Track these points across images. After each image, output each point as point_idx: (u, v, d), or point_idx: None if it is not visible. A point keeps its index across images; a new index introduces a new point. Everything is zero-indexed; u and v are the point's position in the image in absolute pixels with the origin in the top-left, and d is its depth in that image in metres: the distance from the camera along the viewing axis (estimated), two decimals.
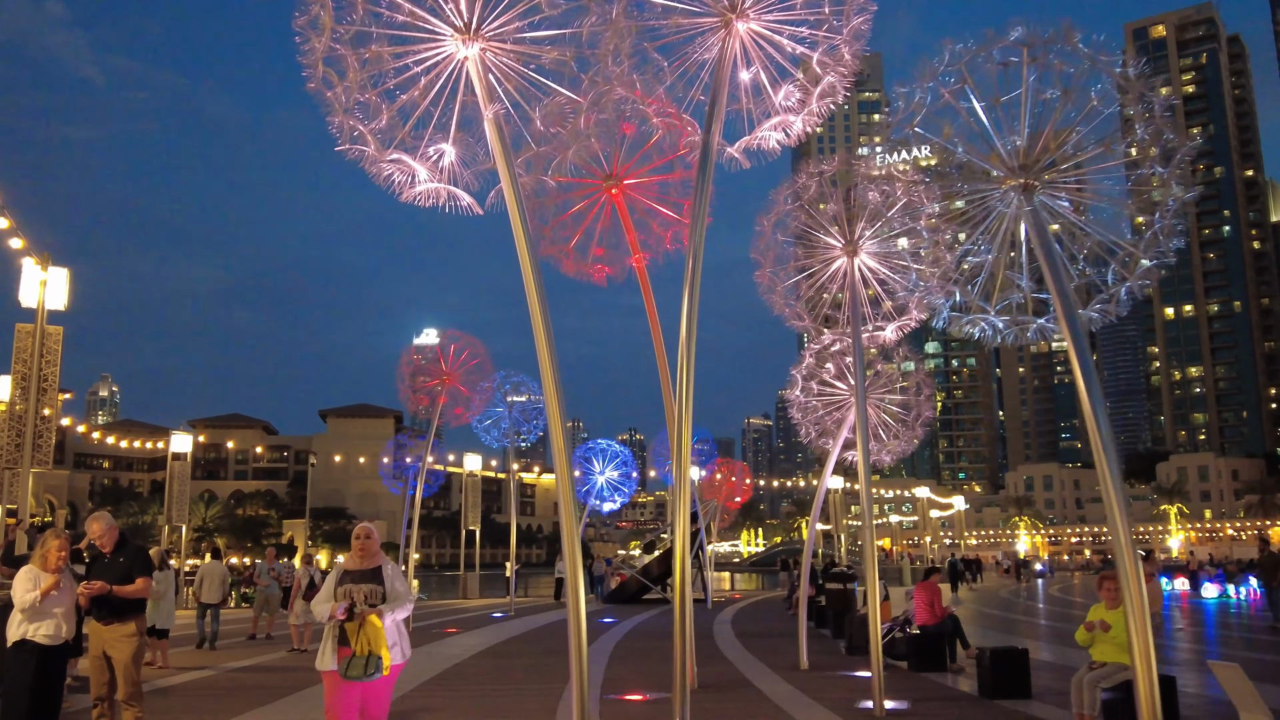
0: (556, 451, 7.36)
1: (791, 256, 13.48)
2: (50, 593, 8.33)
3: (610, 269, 13.38)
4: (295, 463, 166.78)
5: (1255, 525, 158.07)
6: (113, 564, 8.88)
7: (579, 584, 7.05)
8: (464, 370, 27.45)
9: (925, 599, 15.84)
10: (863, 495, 12.05)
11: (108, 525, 9.06)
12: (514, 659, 18.83)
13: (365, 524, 7.85)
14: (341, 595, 7.51)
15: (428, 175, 8.88)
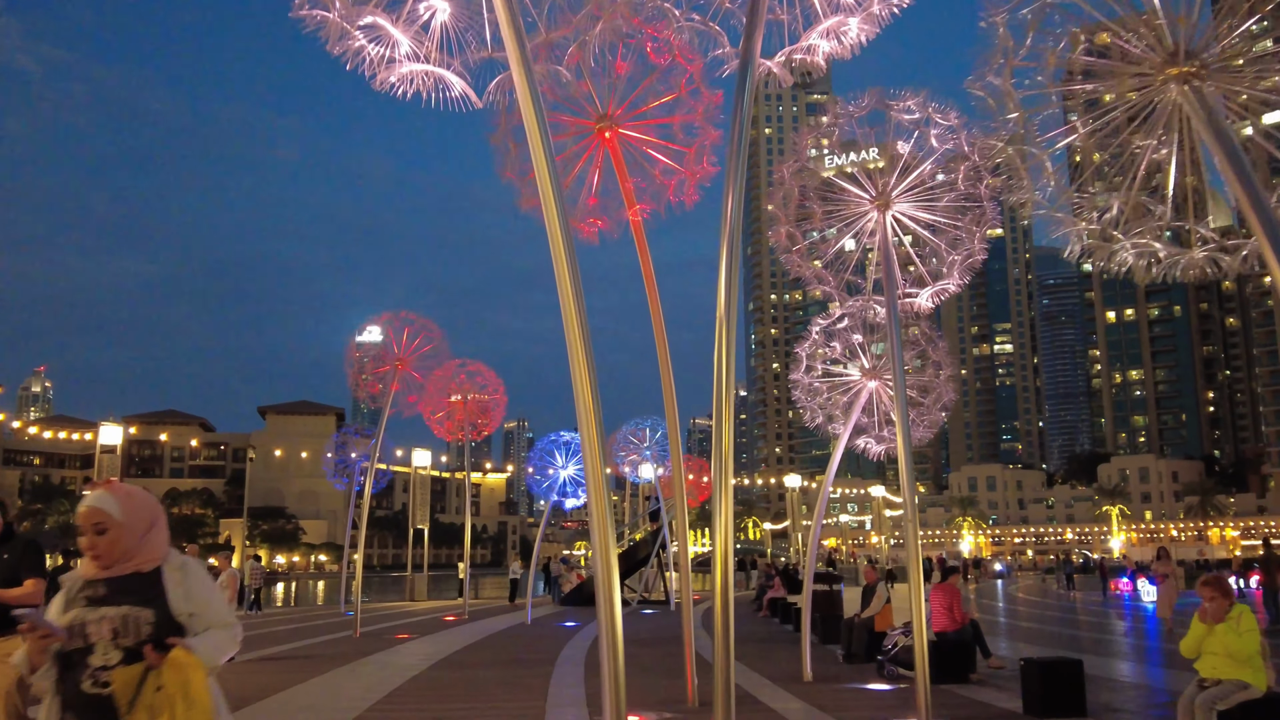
0: (588, 442, 5.59)
1: (814, 210, 11.79)
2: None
3: (604, 223, 11.60)
4: (233, 461, 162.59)
5: (1196, 526, 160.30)
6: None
7: (615, 594, 5.26)
8: (417, 355, 25.51)
9: (944, 602, 14.24)
10: (904, 487, 10.39)
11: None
12: (479, 669, 16.95)
13: (103, 492, 4.00)
14: (71, 627, 3.83)
15: (411, 48, 6.95)
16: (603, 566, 5.33)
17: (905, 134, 11.17)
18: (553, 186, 5.94)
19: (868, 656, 16.55)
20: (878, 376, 14.11)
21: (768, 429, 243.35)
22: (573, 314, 5.74)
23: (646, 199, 11.55)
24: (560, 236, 5.86)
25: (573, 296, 5.78)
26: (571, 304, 5.76)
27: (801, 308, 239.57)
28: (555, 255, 5.84)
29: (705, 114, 11.68)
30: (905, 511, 10.29)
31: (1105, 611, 34.75)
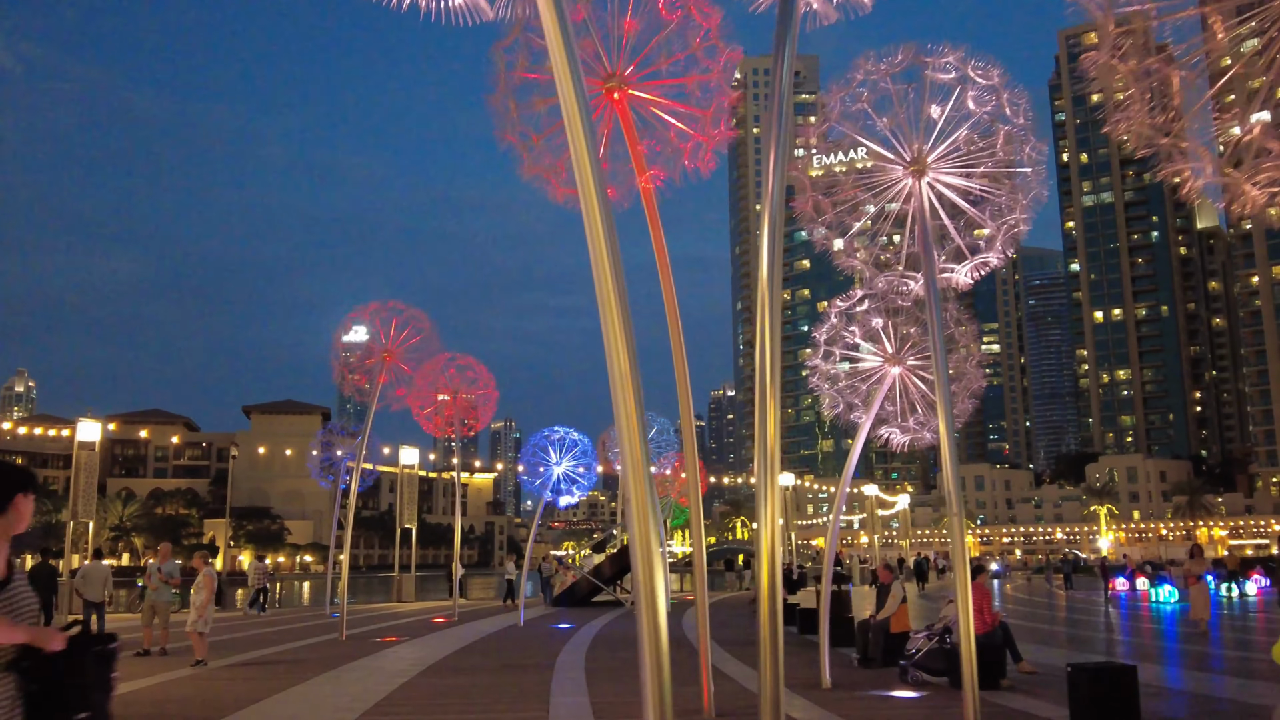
0: (627, 431, 4.64)
1: (842, 178, 10.85)
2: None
3: (613, 191, 10.64)
4: (217, 460, 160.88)
5: (1184, 526, 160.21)
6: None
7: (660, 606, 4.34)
8: (406, 347, 24.51)
9: (974, 603, 13.28)
10: (948, 481, 9.46)
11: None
12: (473, 675, 15.96)
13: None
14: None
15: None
16: (643, 570, 4.39)
17: (942, 93, 10.24)
18: (588, 150, 4.96)
19: (885, 660, 15.65)
20: (902, 362, 13.17)
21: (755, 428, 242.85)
22: (610, 292, 4.77)
23: (659, 165, 10.59)
24: (596, 207, 4.89)
25: (611, 279, 4.80)
26: (610, 284, 4.79)
27: (790, 307, 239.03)
28: (591, 229, 4.87)
29: (723, 73, 10.74)
30: (950, 505, 9.38)
31: (1117, 611, 33.94)
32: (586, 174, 4.86)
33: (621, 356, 4.57)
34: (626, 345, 4.59)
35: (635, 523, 4.43)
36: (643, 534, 4.43)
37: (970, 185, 10.35)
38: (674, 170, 10.54)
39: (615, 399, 4.58)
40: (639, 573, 4.43)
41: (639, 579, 4.43)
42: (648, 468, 4.48)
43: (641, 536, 4.42)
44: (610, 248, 4.66)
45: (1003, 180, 10.27)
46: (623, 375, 4.55)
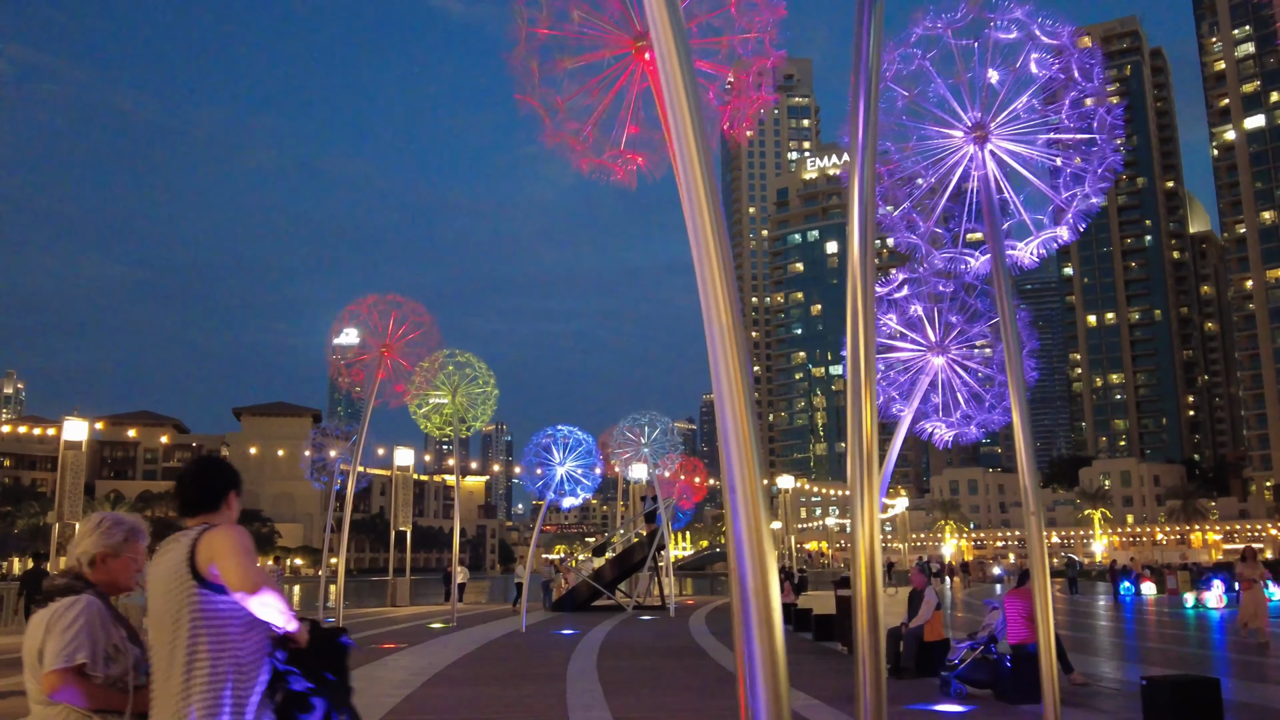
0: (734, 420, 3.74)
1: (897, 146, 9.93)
2: None
3: (642, 158, 9.71)
4: None
5: (1178, 530, 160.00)
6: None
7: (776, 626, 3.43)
8: (405, 342, 23.57)
9: (1023, 610, 12.42)
10: (1024, 473, 8.57)
11: None
12: (482, 687, 14.98)
13: None
14: None
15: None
16: (755, 573, 3.49)
17: (1006, 53, 9.35)
18: (693, 124, 4.05)
19: (919, 670, 14.76)
20: (946, 351, 12.27)
21: None
22: (716, 275, 3.85)
23: None
24: (701, 185, 3.96)
25: (718, 264, 3.88)
26: (717, 270, 3.87)
27: (783, 310, 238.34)
28: (697, 224, 3.95)
29: (763, 32, 9.82)
30: (1027, 505, 8.49)
31: (1142, 616, 33.08)
32: (692, 151, 3.95)
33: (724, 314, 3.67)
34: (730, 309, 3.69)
35: (744, 513, 3.53)
36: (753, 526, 3.52)
37: (1037, 153, 9.45)
38: (710, 135, 9.61)
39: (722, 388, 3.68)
40: (749, 575, 3.52)
41: (749, 582, 3.52)
42: (756, 451, 3.57)
43: (752, 529, 3.51)
44: (714, 222, 3.74)
45: (1072, 148, 9.39)
46: (729, 360, 3.66)
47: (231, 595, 3.55)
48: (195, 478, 3.94)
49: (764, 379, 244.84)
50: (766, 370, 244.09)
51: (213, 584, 3.58)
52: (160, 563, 3.71)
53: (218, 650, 3.55)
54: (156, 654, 3.62)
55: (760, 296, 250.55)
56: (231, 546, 3.61)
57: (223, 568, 3.54)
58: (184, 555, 3.63)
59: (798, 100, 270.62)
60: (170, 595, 3.62)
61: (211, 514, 3.84)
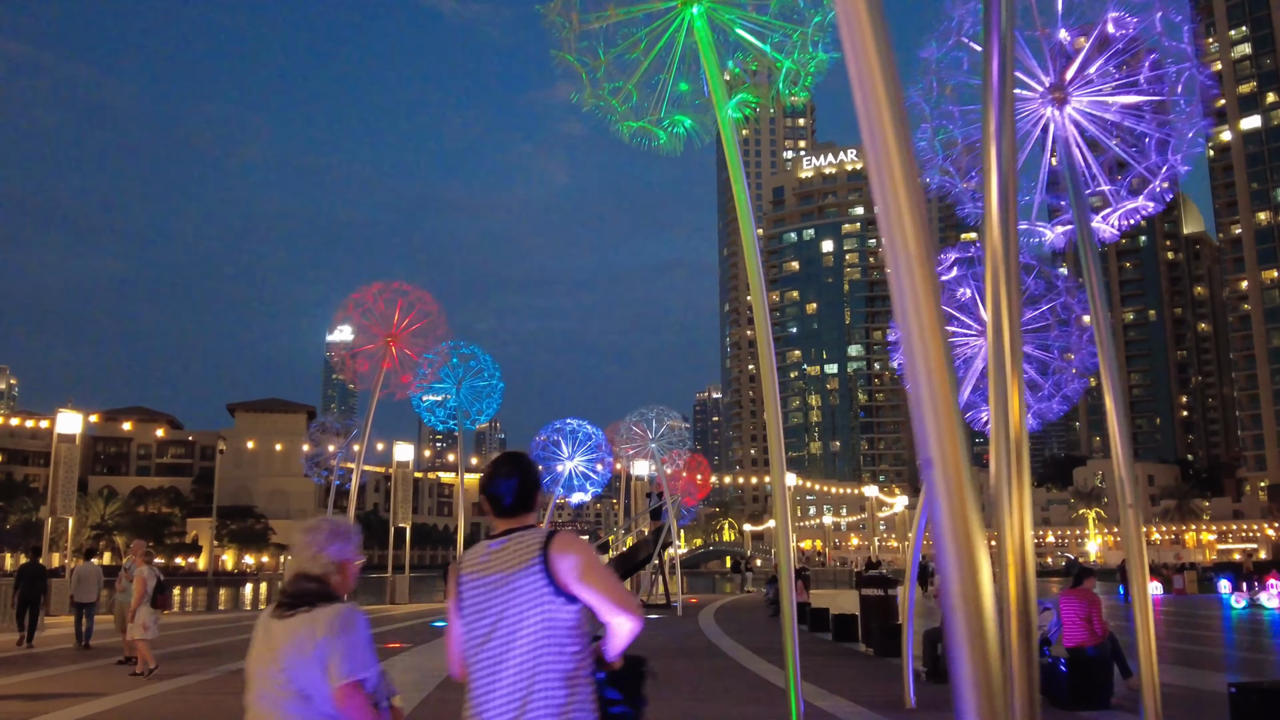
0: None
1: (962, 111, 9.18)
2: None
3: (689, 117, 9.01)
4: (201, 459, 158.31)
5: (1173, 530, 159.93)
6: None
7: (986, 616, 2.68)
8: (412, 331, 22.84)
9: (1081, 611, 11.73)
10: (1120, 465, 7.87)
11: None
12: None
13: None
14: None
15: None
16: (966, 582, 2.77)
17: (1086, 7, 8.63)
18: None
19: None
20: None
21: (743, 430, 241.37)
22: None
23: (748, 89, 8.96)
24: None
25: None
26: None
27: (778, 309, 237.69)
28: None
29: None
30: (1125, 498, 7.79)
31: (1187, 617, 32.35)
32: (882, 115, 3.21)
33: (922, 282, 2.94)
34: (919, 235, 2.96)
35: (946, 494, 2.81)
36: (959, 513, 2.80)
37: (1120, 118, 8.74)
38: (764, 96, 8.90)
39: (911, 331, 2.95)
40: (955, 576, 2.79)
41: (955, 586, 2.80)
42: (958, 416, 2.85)
43: (958, 516, 2.80)
44: (897, 128, 3.00)
45: (1158, 112, 8.68)
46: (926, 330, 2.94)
47: (575, 606, 3.42)
48: (524, 475, 3.69)
49: (758, 377, 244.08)
50: None
51: (565, 593, 3.40)
52: (495, 563, 3.51)
53: (556, 660, 3.36)
54: (478, 654, 3.44)
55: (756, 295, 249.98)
56: (600, 563, 3.53)
57: (599, 585, 3.42)
58: (534, 558, 3.44)
59: (793, 100, 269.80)
60: (509, 596, 3.43)
61: (528, 515, 3.65)
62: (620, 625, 3.44)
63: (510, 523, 3.59)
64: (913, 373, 2.90)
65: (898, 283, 2.93)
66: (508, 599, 3.41)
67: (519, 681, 3.34)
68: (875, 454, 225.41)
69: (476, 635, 3.44)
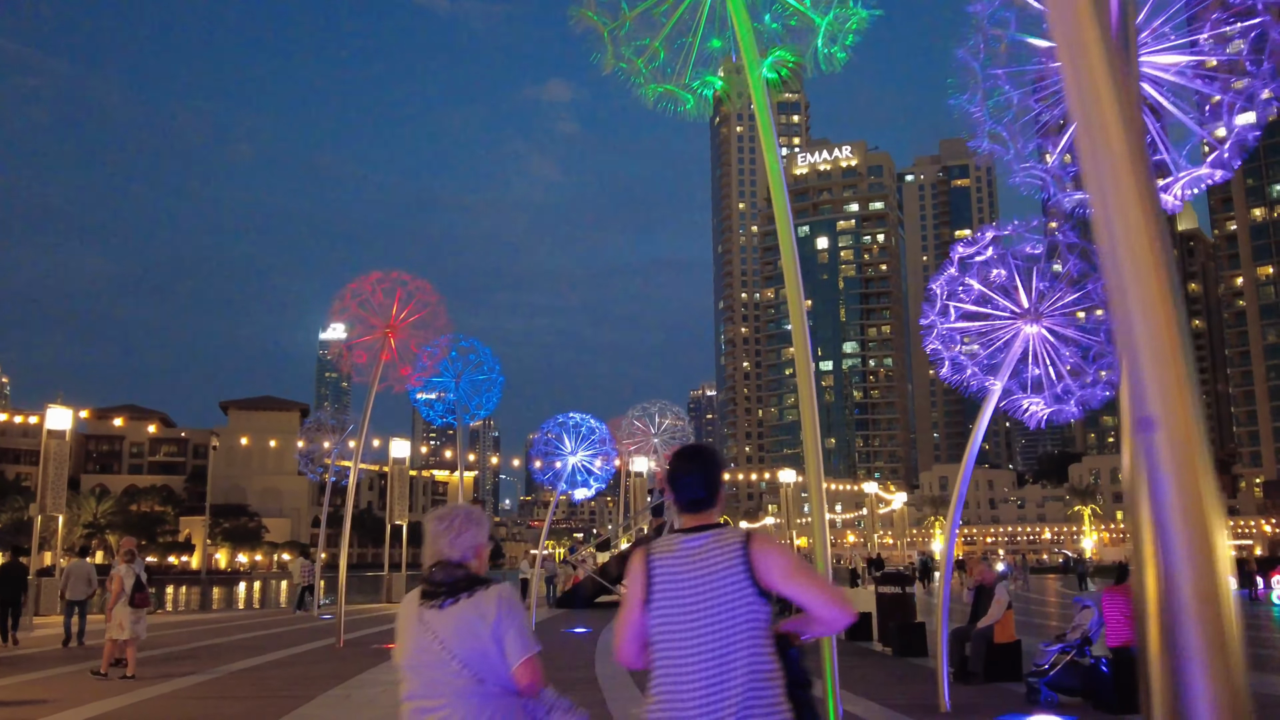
0: None
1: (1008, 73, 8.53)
2: None
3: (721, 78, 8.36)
4: (194, 457, 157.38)
5: None
6: None
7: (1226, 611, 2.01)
8: (410, 323, 22.12)
9: (1126, 609, 11.08)
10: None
11: None
12: None
13: None
14: None
15: None
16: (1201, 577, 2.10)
17: None
18: None
19: (988, 675, 13.43)
20: (1040, 319, 10.91)
21: (737, 428, 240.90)
22: None
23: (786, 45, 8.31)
24: None
25: None
26: None
27: (772, 306, 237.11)
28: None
29: None
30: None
31: None
32: None
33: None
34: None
35: (1173, 463, 2.15)
36: (1192, 488, 2.15)
37: (1183, 80, 8.11)
38: (804, 55, 8.25)
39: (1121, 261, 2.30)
40: (1185, 562, 2.15)
41: (1185, 582, 2.15)
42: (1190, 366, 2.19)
43: (1189, 490, 2.14)
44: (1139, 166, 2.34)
45: (1229, 74, 8.06)
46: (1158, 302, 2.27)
47: (769, 606, 3.43)
48: (711, 469, 3.64)
49: (753, 374, 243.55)
50: (756, 366, 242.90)
51: (764, 593, 3.42)
52: (695, 560, 3.46)
53: (758, 658, 3.37)
54: (674, 650, 3.40)
55: (750, 292, 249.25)
56: (803, 560, 3.58)
57: (808, 582, 3.45)
58: (737, 558, 3.43)
59: (788, 96, 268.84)
60: (714, 595, 3.39)
61: (715, 510, 3.61)
62: (834, 620, 3.46)
63: (700, 519, 3.56)
64: (1123, 310, 2.26)
65: (1100, 189, 2.28)
66: (712, 598, 3.38)
67: (724, 679, 3.32)
68: (870, 451, 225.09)
69: (674, 631, 3.40)
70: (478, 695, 3.58)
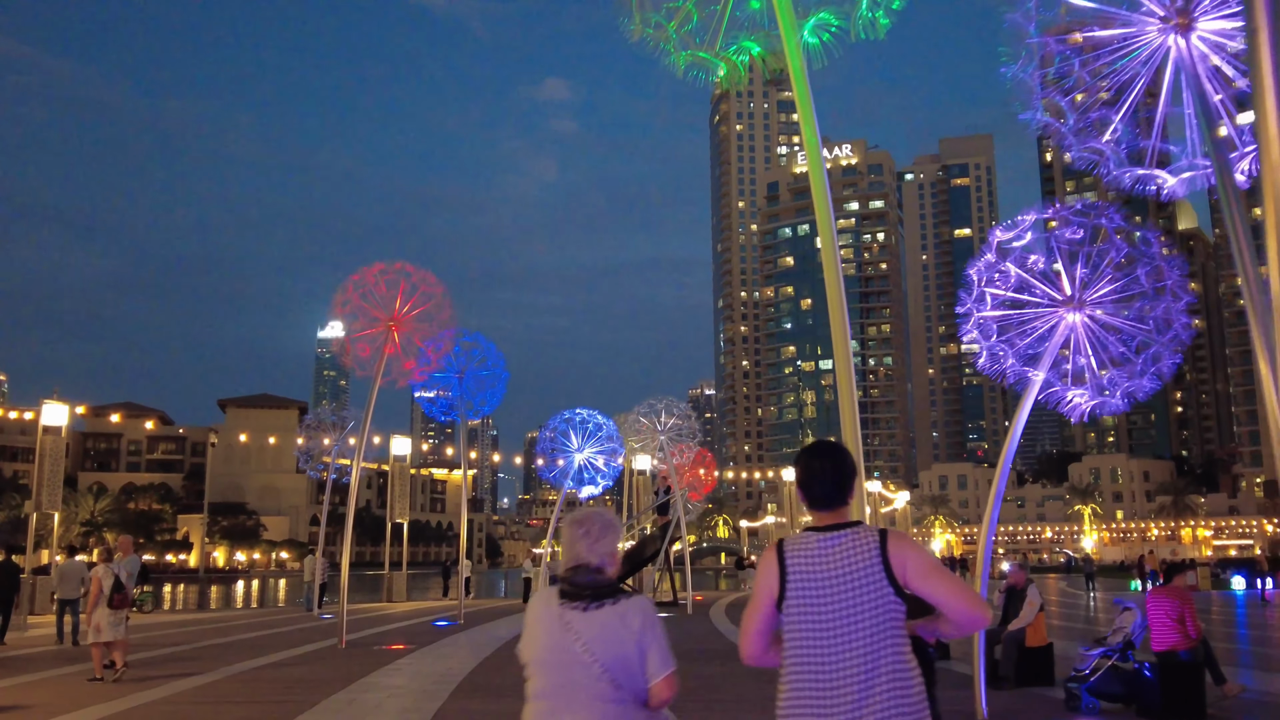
0: None
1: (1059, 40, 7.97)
2: None
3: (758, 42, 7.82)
4: (192, 455, 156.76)
5: (1169, 526, 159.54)
6: None
7: None
8: (417, 314, 21.57)
9: (1172, 612, 10.56)
10: None
11: None
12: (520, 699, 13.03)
13: None
14: None
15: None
16: None
17: None
18: None
19: (1019, 680, 12.90)
20: (1083, 307, 10.36)
21: (737, 426, 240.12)
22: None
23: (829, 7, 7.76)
24: None
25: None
26: None
27: (773, 304, 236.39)
28: None
29: None
30: None
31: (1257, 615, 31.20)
32: None
33: None
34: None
35: None
36: None
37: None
38: (850, 21, 7.71)
39: None
40: None
41: None
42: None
43: None
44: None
45: None
46: None
47: (904, 604, 3.44)
48: (844, 466, 3.64)
49: (753, 373, 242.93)
50: (756, 365, 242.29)
51: (901, 591, 3.43)
52: (834, 558, 3.47)
53: (898, 656, 3.39)
54: (810, 647, 3.42)
55: (750, 291, 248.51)
56: (939, 562, 3.54)
57: (944, 581, 3.45)
58: (875, 557, 3.46)
59: (787, 94, 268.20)
60: (855, 594, 3.41)
61: (847, 508, 3.62)
62: (971, 622, 3.45)
63: (833, 516, 3.55)
64: None
65: None
66: (855, 597, 3.37)
67: (871, 679, 3.31)
68: (870, 450, 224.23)
69: (815, 630, 3.40)
70: (616, 698, 3.60)
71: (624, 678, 3.59)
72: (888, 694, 3.28)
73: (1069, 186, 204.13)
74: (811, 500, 3.56)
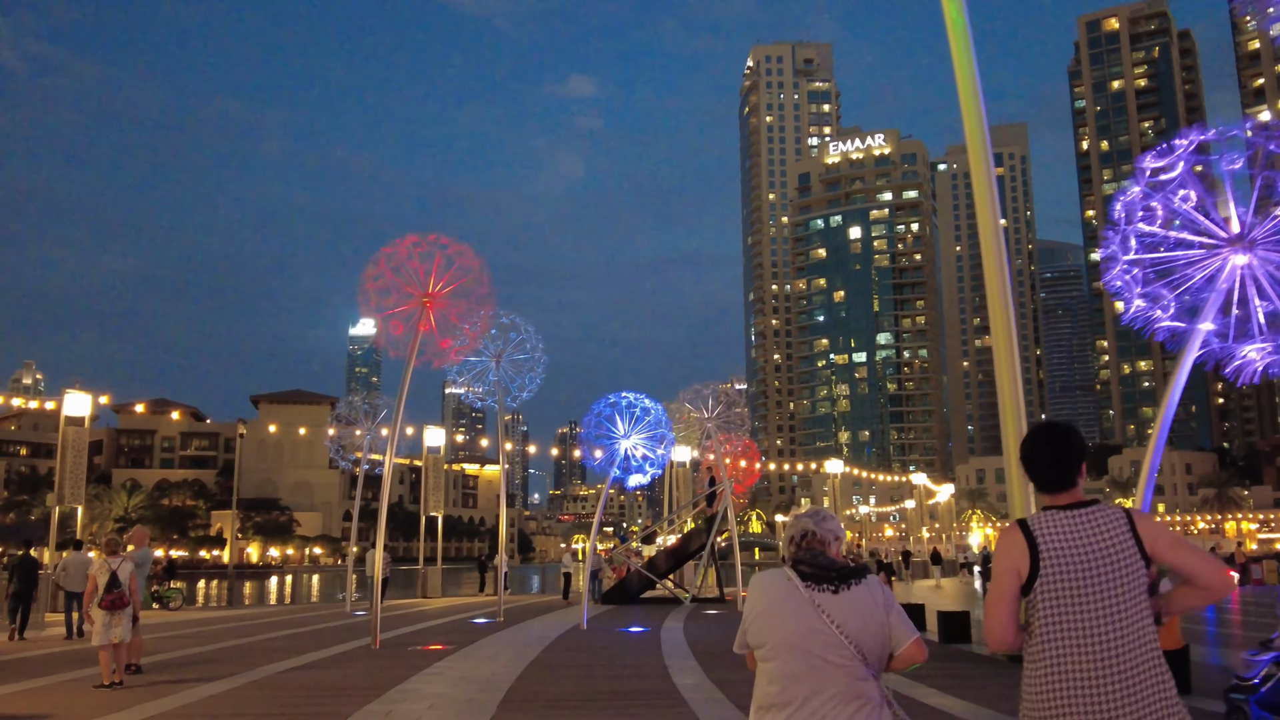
0: None
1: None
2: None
3: None
4: (224, 451, 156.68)
5: (1214, 519, 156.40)
6: None
7: None
8: (453, 290, 20.07)
9: None
10: None
11: None
12: (580, 711, 11.41)
13: None
14: None
15: None
16: None
17: None
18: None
19: None
20: (1254, 247, 8.66)
21: (769, 420, 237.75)
22: None
23: None
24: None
25: None
26: None
27: (805, 296, 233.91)
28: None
29: None
30: None
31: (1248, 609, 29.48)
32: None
33: None
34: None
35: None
36: None
37: None
38: None
39: None
40: None
41: None
42: None
43: None
44: None
45: None
46: None
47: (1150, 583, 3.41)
48: (1075, 445, 3.63)
49: (785, 366, 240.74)
50: (788, 358, 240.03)
51: (1146, 566, 3.43)
52: (1085, 536, 3.46)
53: (1151, 630, 3.39)
54: (1077, 626, 3.38)
55: (781, 283, 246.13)
56: (1185, 540, 3.62)
57: (1189, 554, 3.45)
58: (1126, 532, 3.46)
59: (818, 85, 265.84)
60: (1119, 571, 3.40)
61: (1079, 488, 3.58)
62: (1221, 588, 3.41)
63: (1071, 496, 3.54)
64: None
65: None
66: (1115, 571, 3.36)
67: (1134, 648, 3.31)
68: (905, 443, 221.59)
69: (1075, 605, 3.36)
70: (861, 678, 3.62)
71: (870, 652, 3.64)
72: (1147, 664, 3.27)
73: (1106, 175, 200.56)
74: (1045, 481, 3.55)
